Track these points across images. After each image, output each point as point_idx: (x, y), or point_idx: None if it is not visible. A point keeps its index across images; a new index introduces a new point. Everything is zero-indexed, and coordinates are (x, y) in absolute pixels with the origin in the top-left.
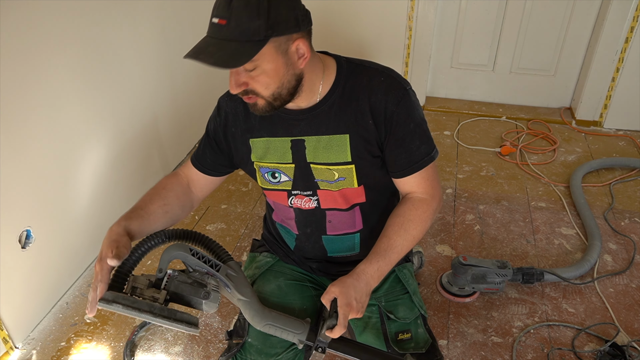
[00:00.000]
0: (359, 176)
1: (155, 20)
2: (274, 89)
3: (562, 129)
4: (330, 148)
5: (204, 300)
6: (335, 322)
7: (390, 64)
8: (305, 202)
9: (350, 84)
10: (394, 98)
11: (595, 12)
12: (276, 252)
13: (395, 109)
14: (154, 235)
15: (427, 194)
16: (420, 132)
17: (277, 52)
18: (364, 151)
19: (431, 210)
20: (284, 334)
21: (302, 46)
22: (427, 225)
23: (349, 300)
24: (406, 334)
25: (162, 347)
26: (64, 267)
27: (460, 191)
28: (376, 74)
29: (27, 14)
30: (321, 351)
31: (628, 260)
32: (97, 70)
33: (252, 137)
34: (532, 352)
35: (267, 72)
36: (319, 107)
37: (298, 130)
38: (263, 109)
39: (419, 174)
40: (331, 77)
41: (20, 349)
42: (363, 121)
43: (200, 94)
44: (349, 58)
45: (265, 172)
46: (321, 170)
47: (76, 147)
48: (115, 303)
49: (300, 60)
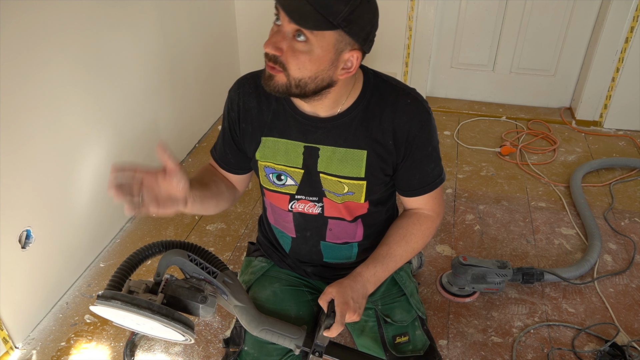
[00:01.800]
0: (368, 192)
1: (155, 20)
2: (305, 75)
3: (562, 129)
4: (345, 161)
5: (201, 304)
6: (332, 321)
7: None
8: (310, 207)
9: (375, 100)
10: (417, 122)
11: (595, 12)
12: (271, 257)
13: (418, 133)
14: (151, 244)
15: (433, 212)
16: (435, 156)
17: (334, 46)
18: (378, 169)
19: (434, 227)
20: (281, 340)
21: (355, 61)
22: (428, 240)
23: (346, 299)
24: (404, 337)
25: (162, 347)
26: (64, 267)
27: (460, 191)
28: (402, 95)
29: (27, 14)
30: (318, 355)
31: (628, 260)
32: (98, 70)
33: (263, 135)
34: (532, 352)
35: (311, 56)
36: (340, 119)
37: (314, 138)
38: (278, 88)
39: (428, 194)
40: (357, 91)
41: (20, 349)
42: (384, 140)
43: (200, 95)
44: (377, 72)
45: (270, 173)
46: (330, 182)
47: (76, 147)
48: (113, 299)
49: (344, 71)
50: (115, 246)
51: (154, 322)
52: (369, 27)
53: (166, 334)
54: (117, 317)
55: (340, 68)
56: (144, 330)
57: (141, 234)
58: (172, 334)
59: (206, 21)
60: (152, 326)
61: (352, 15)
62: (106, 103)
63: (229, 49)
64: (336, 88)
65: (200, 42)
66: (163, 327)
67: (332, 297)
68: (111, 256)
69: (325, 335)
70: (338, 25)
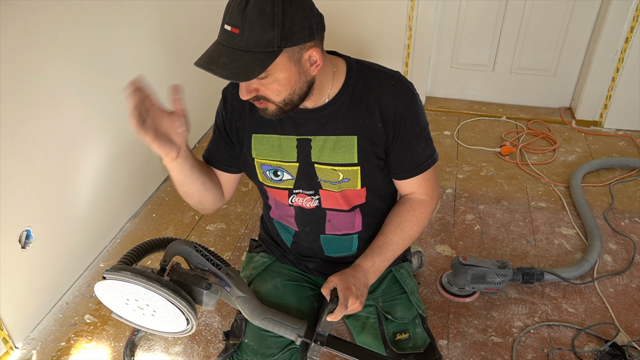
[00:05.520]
0: (363, 178)
1: (155, 20)
2: (286, 95)
3: (562, 129)
4: (337, 149)
5: (205, 290)
6: (335, 305)
7: (390, 64)
8: (307, 202)
9: (359, 85)
10: (403, 102)
11: (595, 12)
12: (272, 253)
13: (404, 113)
14: (160, 238)
15: (426, 195)
16: (425, 136)
17: (290, 62)
18: (371, 153)
19: (429, 211)
20: (282, 329)
21: (315, 54)
22: (424, 224)
23: (349, 285)
24: (404, 334)
25: (162, 347)
26: (64, 267)
27: (460, 191)
28: (386, 77)
29: (27, 14)
30: (320, 344)
31: (628, 260)
32: (98, 70)
33: (256, 133)
34: (532, 352)
35: (279, 81)
36: (327, 108)
37: (305, 130)
38: (274, 114)
39: (421, 176)
40: (341, 79)
41: (20, 349)
42: (372, 123)
43: (200, 94)
44: (359, 59)
45: (267, 170)
46: (325, 171)
47: (76, 148)
48: (123, 271)
49: (313, 67)
50: (115, 246)
51: (159, 302)
52: (306, 22)
53: (167, 324)
54: (120, 299)
55: (308, 67)
56: (145, 322)
57: (141, 234)
58: (174, 321)
59: (206, 21)
60: (155, 309)
61: (284, 31)
62: (106, 103)
63: None
64: (317, 80)
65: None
66: (167, 309)
67: (334, 285)
68: (111, 256)
69: (328, 320)
70: (279, 49)
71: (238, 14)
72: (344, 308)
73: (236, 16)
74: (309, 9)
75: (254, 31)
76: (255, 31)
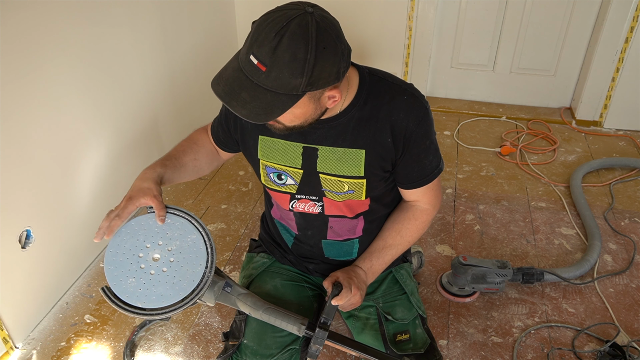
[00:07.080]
0: (368, 190)
1: (155, 20)
2: (297, 123)
3: (562, 129)
4: (343, 161)
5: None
6: (340, 289)
7: (390, 64)
8: (310, 207)
9: (371, 99)
10: (415, 118)
11: (595, 12)
12: (272, 253)
13: (415, 129)
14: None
15: (429, 204)
16: (433, 148)
17: (309, 101)
18: (377, 167)
19: (429, 220)
20: (285, 321)
21: (336, 93)
22: (424, 231)
23: (350, 276)
24: (404, 334)
25: (162, 347)
26: (64, 267)
27: (460, 191)
28: (399, 92)
29: (27, 14)
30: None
31: (628, 260)
32: (98, 70)
33: (262, 135)
34: (532, 352)
35: (295, 114)
36: (337, 119)
37: (312, 138)
38: (282, 132)
39: (426, 185)
40: (353, 91)
41: (20, 349)
42: (382, 138)
43: (200, 94)
44: (372, 70)
45: (271, 172)
46: (330, 181)
47: (76, 147)
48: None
49: (330, 102)
50: None
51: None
52: (334, 67)
53: (176, 282)
54: (136, 250)
55: (326, 101)
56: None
57: None
58: (189, 271)
59: (206, 21)
60: (180, 250)
61: (312, 77)
62: (106, 103)
63: (229, 49)
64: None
65: (200, 42)
66: (190, 251)
67: (336, 278)
68: None
69: (333, 303)
70: (303, 93)
71: (268, 51)
72: (349, 291)
73: (265, 53)
74: (340, 54)
75: (281, 74)
76: (283, 74)
